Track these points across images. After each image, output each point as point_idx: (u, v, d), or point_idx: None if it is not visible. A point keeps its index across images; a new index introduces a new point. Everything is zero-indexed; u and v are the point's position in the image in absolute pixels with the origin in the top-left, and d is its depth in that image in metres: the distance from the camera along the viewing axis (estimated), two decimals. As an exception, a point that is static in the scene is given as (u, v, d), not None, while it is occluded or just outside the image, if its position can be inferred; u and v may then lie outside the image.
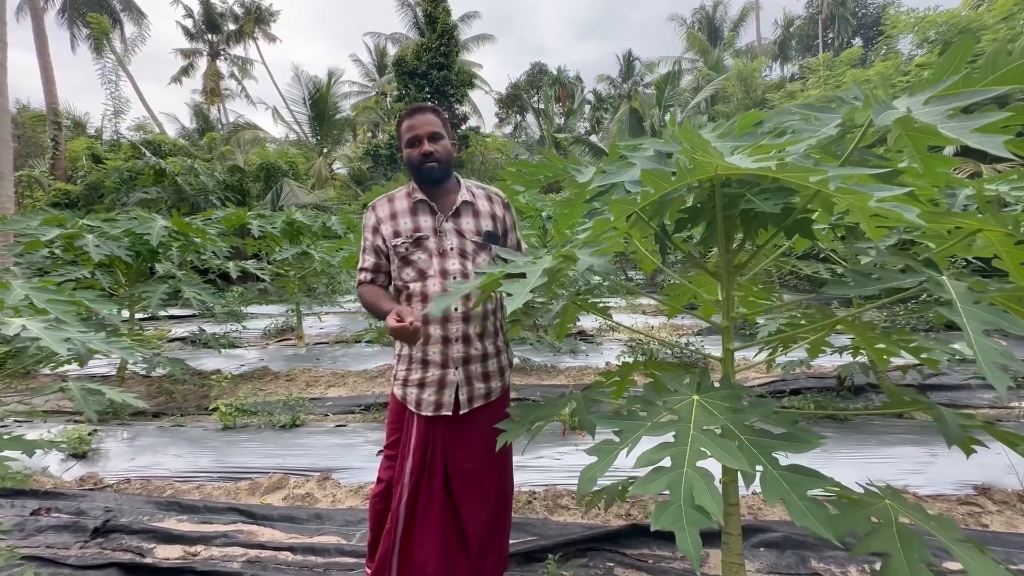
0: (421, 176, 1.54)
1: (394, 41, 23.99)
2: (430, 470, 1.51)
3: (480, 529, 1.55)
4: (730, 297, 1.36)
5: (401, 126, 1.57)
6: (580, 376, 4.58)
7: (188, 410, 3.96)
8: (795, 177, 0.87)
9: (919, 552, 0.86)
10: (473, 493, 1.55)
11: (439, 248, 1.53)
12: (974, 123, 0.79)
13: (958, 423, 1.12)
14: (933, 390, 3.64)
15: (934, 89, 0.92)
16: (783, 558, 1.91)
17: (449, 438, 1.53)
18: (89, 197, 12.88)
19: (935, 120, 0.82)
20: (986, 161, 7.04)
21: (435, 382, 1.50)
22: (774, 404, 1.03)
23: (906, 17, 11.22)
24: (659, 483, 0.85)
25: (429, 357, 1.51)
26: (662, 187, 1.00)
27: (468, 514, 1.54)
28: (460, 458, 1.54)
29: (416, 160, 1.53)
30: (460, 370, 1.51)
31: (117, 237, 3.78)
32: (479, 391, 1.55)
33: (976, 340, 0.78)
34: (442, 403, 1.50)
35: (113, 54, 19.61)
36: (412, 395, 1.53)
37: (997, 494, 2.28)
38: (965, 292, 0.88)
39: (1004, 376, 0.74)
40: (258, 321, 7.51)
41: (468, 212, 1.59)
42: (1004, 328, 0.79)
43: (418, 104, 1.58)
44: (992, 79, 0.92)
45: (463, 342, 1.52)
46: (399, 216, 1.55)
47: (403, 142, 1.56)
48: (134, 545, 2.18)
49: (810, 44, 28.72)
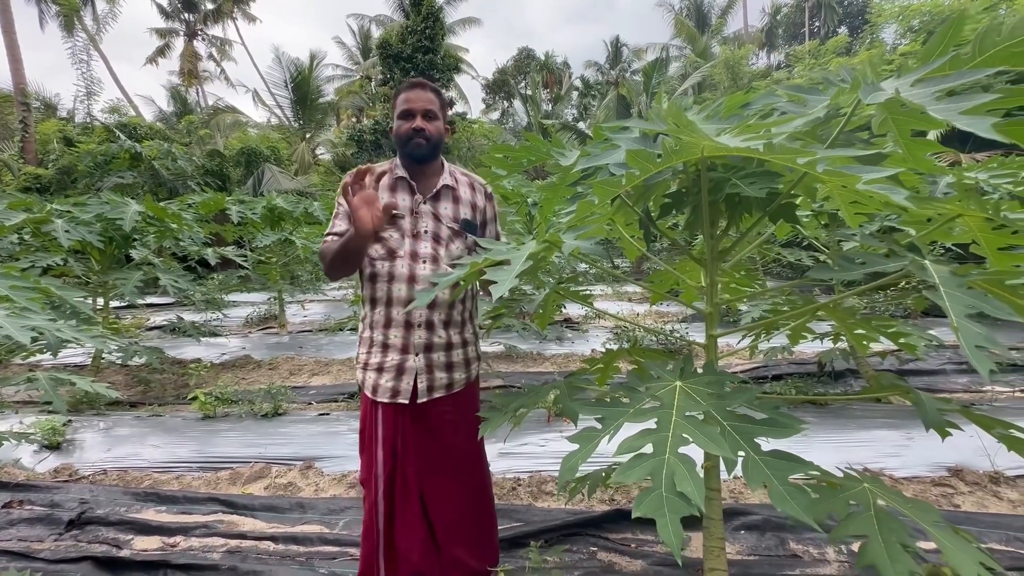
0: (406, 151, 1.49)
1: (378, 23, 23.46)
2: (402, 459, 1.48)
3: (446, 519, 1.52)
4: (714, 283, 1.35)
5: (398, 97, 1.51)
6: (566, 363, 4.59)
7: (167, 400, 3.89)
8: (783, 159, 0.85)
9: (897, 534, 0.87)
10: (438, 483, 1.51)
11: (413, 229, 1.48)
12: (963, 105, 0.78)
13: (936, 407, 1.13)
14: (910, 375, 3.72)
15: (922, 70, 0.91)
16: (763, 540, 1.94)
17: (416, 428, 1.50)
18: (61, 182, 12.46)
19: (924, 101, 0.81)
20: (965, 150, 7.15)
21: (393, 367, 1.46)
22: (757, 391, 1.02)
23: (890, 6, 11.28)
24: (641, 470, 0.84)
25: (390, 341, 1.47)
26: (648, 168, 0.98)
27: (434, 505, 1.51)
28: (426, 448, 1.51)
29: (405, 134, 1.47)
30: (421, 357, 1.47)
31: (88, 222, 3.65)
32: (440, 381, 1.50)
33: (959, 323, 0.78)
34: (399, 390, 1.46)
35: (84, 32, 18.87)
36: (370, 379, 1.48)
37: (969, 476, 2.35)
38: (948, 276, 0.87)
39: (986, 358, 0.73)
40: (240, 309, 7.39)
41: (448, 197, 1.54)
42: (986, 311, 0.78)
43: (419, 79, 1.51)
44: (980, 60, 0.90)
45: (426, 328, 1.47)
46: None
47: (396, 113, 1.50)
48: (110, 537, 2.13)
49: (797, 32, 28.79)
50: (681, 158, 0.99)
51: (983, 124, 0.73)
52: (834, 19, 27.58)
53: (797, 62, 15.34)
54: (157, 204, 4.02)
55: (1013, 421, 1.19)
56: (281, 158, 15.66)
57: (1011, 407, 3.05)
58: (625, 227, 1.64)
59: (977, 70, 0.86)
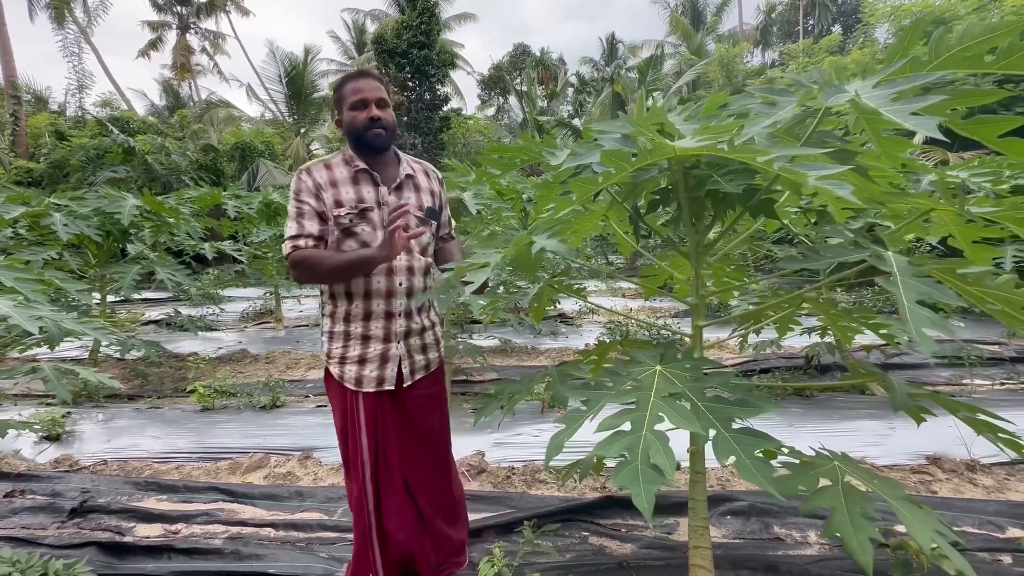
0: (364, 142, 1.47)
1: (373, 18, 23.34)
2: (383, 443, 1.54)
3: (429, 497, 1.60)
4: (699, 276, 1.41)
5: (343, 88, 1.48)
6: (560, 357, 4.65)
7: (165, 392, 3.92)
8: (744, 157, 0.91)
9: (861, 507, 0.94)
10: (418, 462, 1.59)
11: (383, 221, 1.49)
12: (912, 106, 0.84)
13: (906, 392, 1.20)
14: (895, 368, 3.81)
15: (883, 73, 0.97)
16: (748, 524, 2.01)
17: (396, 411, 1.56)
18: (53, 176, 12.38)
19: (879, 103, 0.87)
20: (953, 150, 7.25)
21: (377, 357, 1.50)
22: (732, 374, 1.09)
23: (883, 6, 11.38)
24: (618, 445, 0.90)
25: (371, 332, 1.50)
26: (623, 168, 1.04)
27: (416, 483, 1.58)
28: (404, 430, 1.57)
29: (362, 124, 1.45)
30: (402, 344, 1.53)
31: (86, 216, 3.68)
32: (420, 363, 1.58)
33: (909, 308, 0.84)
34: (384, 377, 1.51)
35: (75, 25, 18.68)
36: (351, 372, 1.50)
37: (947, 463, 2.43)
38: (905, 265, 0.94)
39: (931, 338, 0.80)
40: (236, 304, 7.40)
41: (410, 186, 1.57)
42: (937, 298, 0.85)
43: (364, 69, 1.53)
44: (935, 64, 0.97)
45: (405, 316, 1.53)
46: (339, 184, 1.47)
47: (346, 105, 1.47)
48: (113, 524, 2.18)
49: (791, 31, 28.89)
50: (655, 157, 1.05)
51: (930, 124, 0.80)
52: (828, 18, 27.71)
53: (791, 60, 15.44)
54: (155, 199, 4.04)
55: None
56: (275, 153, 15.61)
57: (990, 399, 3.15)
58: (618, 223, 1.70)
59: (932, 73, 0.93)
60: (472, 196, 2.73)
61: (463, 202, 2.68)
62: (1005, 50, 0.90)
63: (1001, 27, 0.87)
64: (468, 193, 2.74)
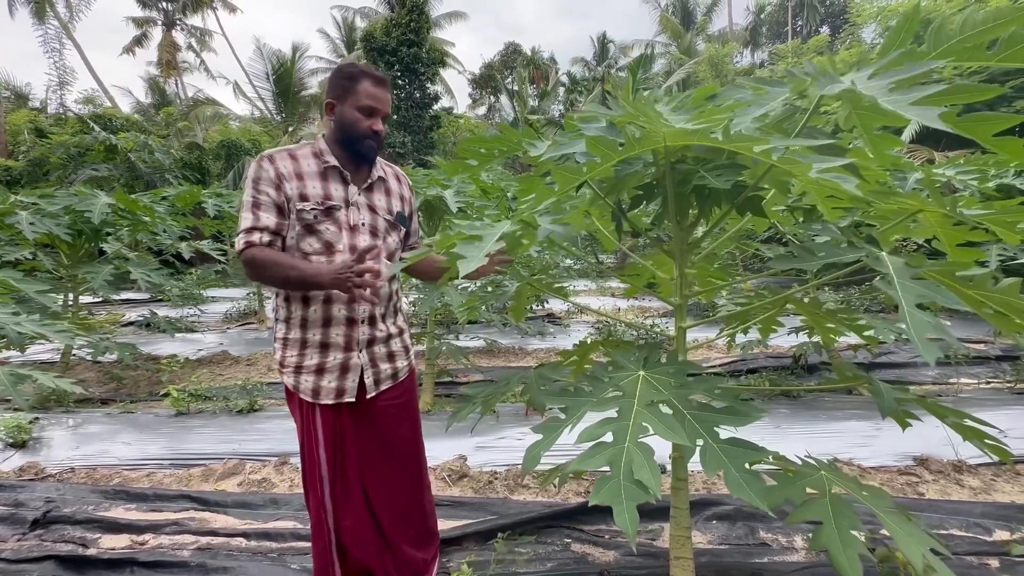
0: (357, 148, 1.41)
1: (363, 15, 23.14)
2: (342, 458, 1.45)
3: (393, 514, 1.52)
4: (683, 275, 1.36)
5: (358, 83, 1.38)
6: (547, 358, 4.60)
7: (139, 396, 3.80)
8: (740, 146, 0.85)
9: (849, 520, 0.88)
10: (381, 478, 1.50)
11: (349, 222, 1.41)
12: (912, 96, 0.79)
13: (894, 397, 1.16)
14: (882, 368, 3.80)
15: (880, 63, 0.92)
16: (734, 529, 1.97)
17: (358, 424, 1.46)
18: (33, 174, 12.08)
19: (877, 93, 0.82)
20: (939, 148, 7.32)
21: (336, 367, 1.40)
22: (718, 380, 1.03)
23: (870, 7, 11.48)
24: (600, 458, 0.84)
25: (331, 340, 1.40)
26: (610, 156, 0.97)
27: (378, 500, 1.50)
28: (366, 444, 1.48)
29: (364, 131, 1.39)
30: (364, 352, 1.44)
31: (55, 214, 3.54)
32: (385, 372, 1.49)
33: (909, 312, 0.79)
34: (344, 389, 1.41)
35: (56, 19, 18.28)
36: (308, 383, 1.40)
37: (934, 464, 2.41)
38: (902, 267, 0.89)
39: (933, 346, 0.75)
40: (219, 305, 7.25)
41: (381, 189, 1.51)
42: (936, 301, 0.80)
43: (384, 76, 1.43)
44: (935, 54, 0.92)
45: (369, 324, 1.44)
46: (305, 177, 1.38)
47: (354, 102, 1.38)
48: (77, 536, 2.08)
49: (780, 31, 29.14)
50: (643, 146, 1.00)
51: (931, 115, 0.75)
52: (816, 18, 27.97)
53: (780, 60, 15.54)
54: (128, 196, 3.91)
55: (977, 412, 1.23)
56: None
57: (975, 398, 3.14)
58: (601, 219, 1.64)
59: (931, 62, 0.88)
60: (454, 194, 2.66)
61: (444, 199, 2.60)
62: (1007, 40, 0.85)
63: (1004, 15, 0.82)
64: (450, 191, 2.67)
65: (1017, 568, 1.68)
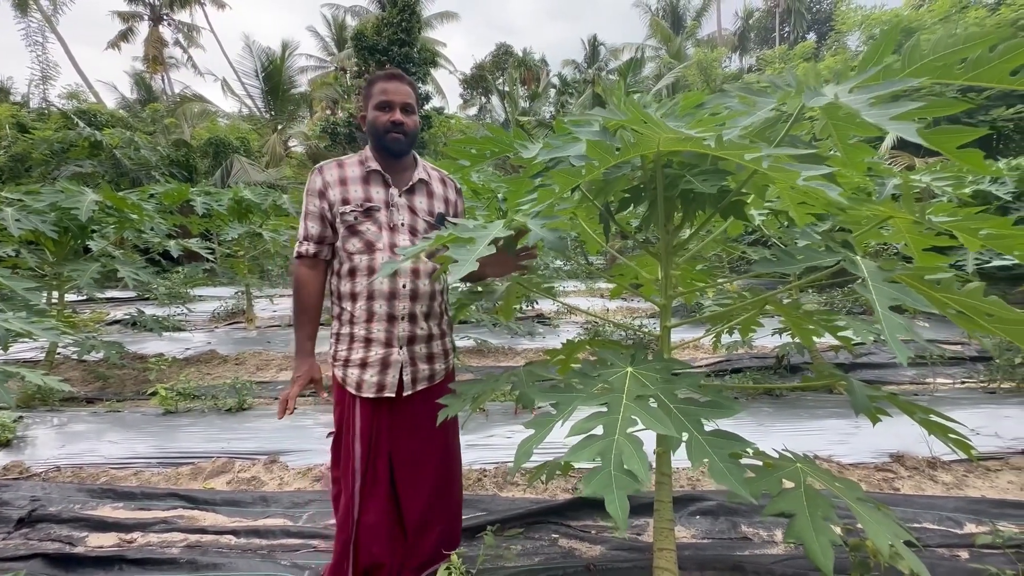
0: (383, 144, 1.47)
1: (354, 14, 23.01)
2: (375, 453, 1.49)
3: (417, 508, 1.54)
4: (668, 276, 1.40)
5: (373, 87, 1.47)
6: (537, 358, 4.63)
7: (126, 395, 3.77)
8: (732, 154, 0.90)
9: (823, 511, 0.93)
10: (413, 475, 1.53)
11: (389, 222, 1.47)
12: (892, 111, 0.84)
13: (866, 394, 1.21)
14: (863, 368, 3.90)
15: (859, 78, 0.97)
16: (717, 524, 2.02)
17: (394, 421, 1.50)
18: (14, 170, 11.83)
19: (859, 107, 0.87)
20: (919, 155, 7.49)
21: (378, 362, 1.46)
22: (701, 376, 1.08)
23: (854, 15, 11.73)
24: (591, 450, 0.87)
25: (373, 335, 1.46)
26: (607, 160, 1.01)
27: (406, 495, 1.52)
28: (403, 441, 1.51)
29: (383, 126, 1.45)
30: (404, 350, 1.48)
31: (41, 211, 3.50)
32: (423, 372, 1.52)
33: (883, 314, 0.84)
34: (385, 384, 1.46)
35: (39, 12, 17.93)
36: (353, 376, 1.47)
37: (909, 461, 2.49)
38: (875, 271, 0.94)
39: (905, 347, 0.79)
40: (207, 303, 7.19)
41: (423, 191, 1.55)
42: (907, 303, 0.85)
43: (397, 71, 1.49)
44: (908, 71, 0.97)
45: (409, 321, 1.49)
46: (349, 183, 1.47)
47: (372, 103, 1.47)
48: (63, 534, 2.07)
49: (768, 37, 29.57)
50: (639, 151, 1.03)
51: (909, 128, 0.79)
52: (803, 25, 28.44)
53: (767, 66, 15.78)
54: (116, 194, 3.88)
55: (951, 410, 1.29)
56: (251, 150, 15.25)
57: (951, 397, 3.24)
58: (587, 221, 1.68)
59: (906, 80, 0.93)
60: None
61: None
62: (974, 61, 0.90)
63: (973, 38, 0.88)
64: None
65: (985, 559, 1.75)
